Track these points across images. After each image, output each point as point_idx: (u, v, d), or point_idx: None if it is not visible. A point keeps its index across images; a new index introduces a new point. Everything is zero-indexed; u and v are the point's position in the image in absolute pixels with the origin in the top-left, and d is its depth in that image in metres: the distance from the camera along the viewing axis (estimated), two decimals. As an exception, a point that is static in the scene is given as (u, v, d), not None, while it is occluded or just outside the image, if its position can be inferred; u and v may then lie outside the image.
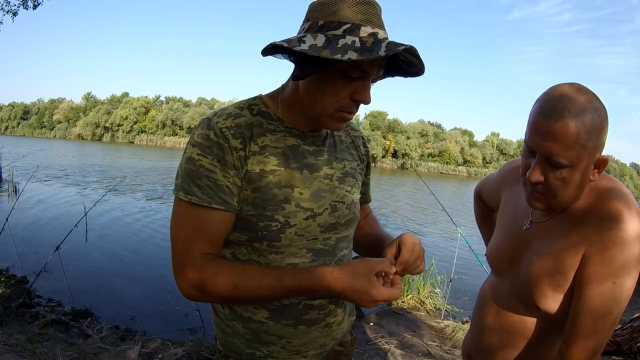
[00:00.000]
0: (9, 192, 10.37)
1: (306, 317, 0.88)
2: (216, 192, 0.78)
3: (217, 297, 0.81)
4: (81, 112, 71.81)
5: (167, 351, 2.94)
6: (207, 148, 0.78)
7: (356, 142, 1.02)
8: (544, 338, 0.93)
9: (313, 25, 0.75)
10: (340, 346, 1.03)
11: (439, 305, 4.35)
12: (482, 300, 1.05)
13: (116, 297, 4.49)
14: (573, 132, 0.76)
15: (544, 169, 0.82)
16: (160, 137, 64.64)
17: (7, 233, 4.59)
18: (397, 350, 3.13)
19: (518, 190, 0.99)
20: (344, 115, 0.81)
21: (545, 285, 0.86)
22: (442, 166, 61.14)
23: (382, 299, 0.75)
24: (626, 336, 3.20)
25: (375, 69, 0.76)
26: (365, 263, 0.78)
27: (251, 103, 0.87)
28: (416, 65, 0.80)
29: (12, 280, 4.45)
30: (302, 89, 0.81)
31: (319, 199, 0.86)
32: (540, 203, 0.87)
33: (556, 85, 0.82)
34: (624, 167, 78.52)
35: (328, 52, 0.70)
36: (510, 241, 0.98)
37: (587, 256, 0.81)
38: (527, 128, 0.83)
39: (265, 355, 0.89)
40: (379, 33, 0.74)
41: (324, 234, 0.88)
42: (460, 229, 4.29)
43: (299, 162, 0.85)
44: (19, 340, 2.67)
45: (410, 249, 0.82)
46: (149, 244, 6.81)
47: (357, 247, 1.07)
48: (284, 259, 0.84)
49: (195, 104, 70.53)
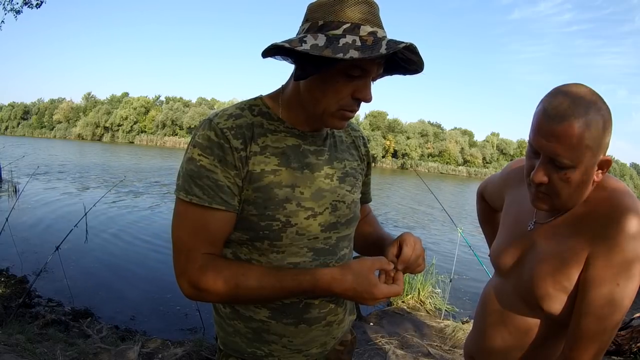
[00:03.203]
0: (9, 192, 10.37)
1: (307, 316, 0.89)
2: (217, 192, 0.78)
3: (218, 297, 0.81)
4: (81, 112, 71.72)
5: (167, 351, 2.94)
6: (207, 148, 0.79)
7: (356, 142, 1.02)
8: (548, 339, 0.93)
9: (313, 26, 0.75)
10: (341, 345, 1.03)
11: (439, 305, 4.35)
12: (485, 301, 1.05)
13: (116, 297, 4.49)
14: (577, 133, 0.76)
15: (548, 169, 0.82)
16: (160, 137, 64.60)
17: (7, 233, 4.59)
18: (397, 350, 3.13)
19: (522, 191, 0.99)
20: (345, 114, 0.81)
21: (549, 286, 0.86)
22: (442, 166, 61.07)
23: (383, 296, 0.76)
24: (626, 336, 3.20)
25: (376, 67, 0.77)
26: (364, 262, 0.79)
27: (252, 103, 0.87)
28: (415, 62, 0.81)
29: (12, 280, 4.45)
30: (304, 88, 0.81)
31: (320, 198, 0.87)
32: (544, 204, 0.87)
33: (560, 86, 0.82)
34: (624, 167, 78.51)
35: (330, 52, 0.70)
36: (514, 242, 0.98)
37: (591, 257, 0.81)
38: (531, 129, 0.83)
39: (267, 354, 0.89)
40: (378, 32, 0.74)
41: (325, 233, 0.88)
42: (461, 229, 4.29)
43: (299, 162, 0.86)
44: (19, 340, 2.67)
45: (411, 247, 0.83)
46: (149, 244, 6.80)
47: (357, 246, 1.07)
48: (285, 258, 0.85)
49: (195, 104, 70.51)
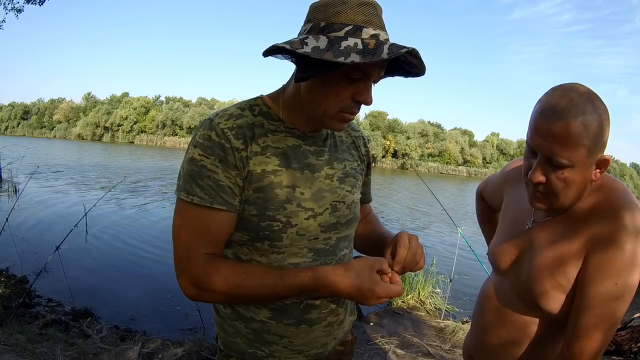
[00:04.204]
0: (9, 192, 10.35)
1: (308, 317, 0.89)
2: (218, 192, 0.78)
3: (220, 297, 0.81)
4: (81, 112, 71.69)
5: (167, 351, 2.94)
6: (208, 149, 0.78)
7: (357, 143, 1.02)
8: (546, 338, 0.93)
9: (314, 27, 0.75)
10: (342, 345, 1.03)
11: (439, 305, 4.35)
12: (483, 300, 1.05)
13: (116, 297, 4.48)
14: (574, 133, 0.76)
15: (545, 169, 0.82)
16: (160, 137, 64.54)
17: (7, 233, 4.59)
18: (397, 350, 3.13)
19: (520, 190, 0.99)
20: (345, 116, 0.81)
21: (547, 285, 0.86)
22: (442, 166, 61.02)
23: (385, 295, 0.76)
24: (626, 336, 3.20)
25: (377, 70, 0.77)
26: (366, 261, 0.79)
27: (252, 103, 0.87)
28: (417, 66, 0.80)
29: (12, 280, 4.44)
30: (304, 90, 0.81)
31: (320, 199, 0.87)
32: (542, 203, 0.87)
33: (557, 86, 0.82)
34: (624, 167, 78.48)
35: (331, 55, 0.70)
36: (512, 241, 0.98)
37: (589, 256, 0.81)
38: (529, 129, 0.83)
39: (267, 354, 0.89)
40: (381, 34, 0.74)
41: (325, 234, 0.88)
42: (461, 229, 4.29)
43: (300, 162, 0.86)
44: (19, 340, 2.67)
45: (405, 247, 0.82)
46: (149, 244, 6.80)
47: (358, 246, 1.07)
48: (285, 259, 0.85)
49: (195, 104, 70.48)
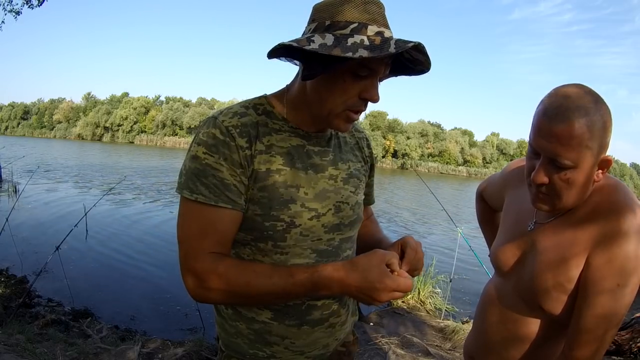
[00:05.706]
0: (9, 192, 10.34)
1: (310, 318, 0.88)
2: (223, 190, 0.78)
3: (227, 296, 0.79)
4: (81, 112, 71.59)
5: (167, 351, 2.94)
6: (213, 147, 0.78)
7: (360, 144, 1.02)
8: (548, 339, 0.93)
9: (320, 26, 0.75)
10: (343, 346, 1.02)
11: (439, 305, 4.36)
12: (485, 301, 1.05)
13: (116, 297, 4.48)
14: (577, 134, 0.76)
15: (548, 170, 0.82)
16: (160, 137, 64.47)
17: (7, 233, 4.59)
18: (397, 350, 3.13)
19: (522, 191, 0.99)
20: (351, 115, 0.81)
21: (549, 286, 0.86)
22: (442, 166, 60.95)
23: (396, 287, 0.73)
24: (626, 336, 3.20)
25: (383, 67, 0.77)
26: (376, 254, 0.76)
27: (256, 102, 0.87)
28: (422, 62, 0.81)
29: (12, 280, 4.44)
30: (310, 88, 0.81)
31: (324, 199, 0.86)
32: (544, 204, 0.87)
33: (560, 87, 0.82)
34: (624, 167, 78.40)
35: (339, 51, 0.70)
36: (514, 242, 0.98)
37: (591, 257, 0.81)
38: (531, 129, 0.83)
39: (269, 355, 0.89)
40: (385, 32, 0.74)
41: (328, 235, 0.88)
42: (461, 229, 4.29)
43: (304, 162, 0.85)
44: (19, 340, 2.67)
45: (414, 249, 0.83)
46: (149, 244, 6.80)
47: (358, 248, 1.06)
48: (288, 260, 0.84)
49: (195, 104, 70.41)
